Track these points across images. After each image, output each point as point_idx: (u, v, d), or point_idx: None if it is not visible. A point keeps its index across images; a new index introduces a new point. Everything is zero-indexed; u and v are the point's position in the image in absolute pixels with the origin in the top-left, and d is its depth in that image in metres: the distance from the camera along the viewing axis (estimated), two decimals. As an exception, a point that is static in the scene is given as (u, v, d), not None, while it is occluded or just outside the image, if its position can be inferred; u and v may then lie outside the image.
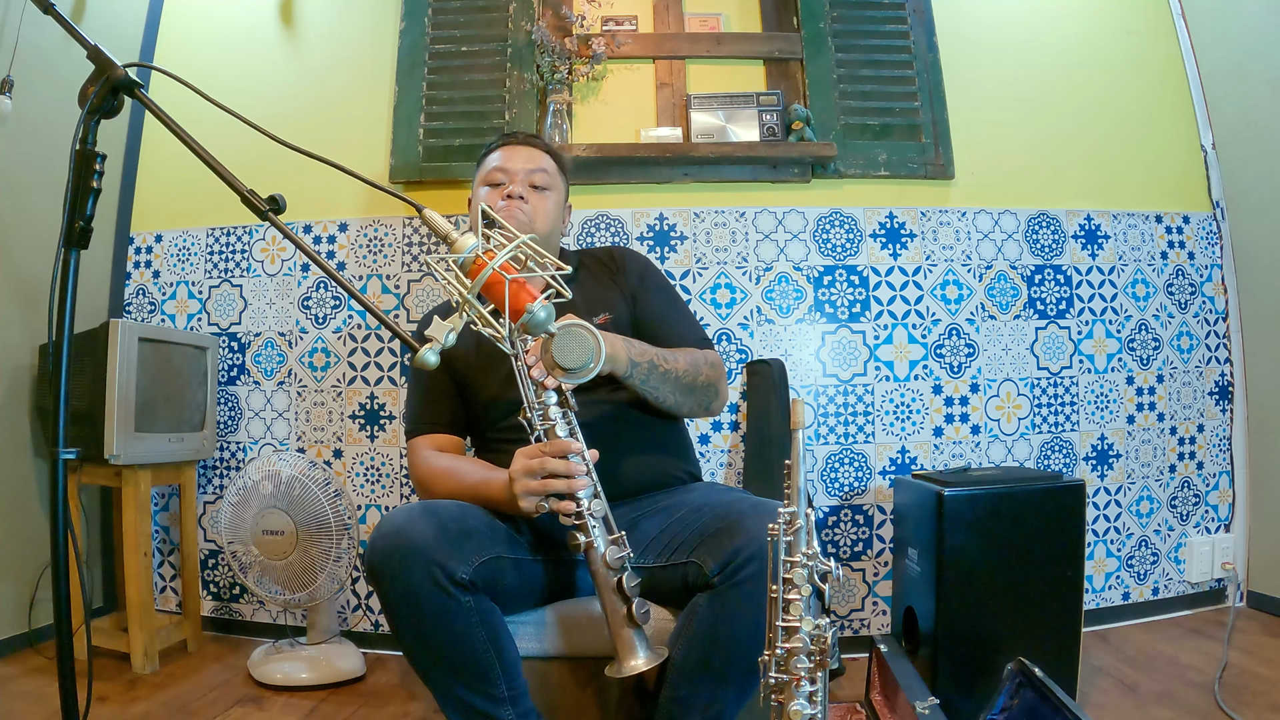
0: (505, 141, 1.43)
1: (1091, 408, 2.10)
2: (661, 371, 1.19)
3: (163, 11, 2.25)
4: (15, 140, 1.88)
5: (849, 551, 2.02)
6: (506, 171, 1.37)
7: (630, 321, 1.34)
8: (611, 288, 1.38)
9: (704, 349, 1.33)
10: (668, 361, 1.21)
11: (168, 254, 2.18)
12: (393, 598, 0.98)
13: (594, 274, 1.41)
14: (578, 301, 1.28)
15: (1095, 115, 2.18)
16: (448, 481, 1.21)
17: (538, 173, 1.38)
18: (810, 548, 0.81)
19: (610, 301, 1.35)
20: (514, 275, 0.93)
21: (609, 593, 1.00)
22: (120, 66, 0.88)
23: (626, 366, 1.13)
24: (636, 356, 1.16)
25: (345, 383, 2.09)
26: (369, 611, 2.05)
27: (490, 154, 1.42)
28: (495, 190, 1.36)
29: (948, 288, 2.09)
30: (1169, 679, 1.64)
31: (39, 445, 1.93)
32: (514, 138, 1.43)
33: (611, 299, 1.36)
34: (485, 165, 1.41)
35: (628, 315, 1.35)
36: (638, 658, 0.98)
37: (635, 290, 1.38)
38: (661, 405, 1.24)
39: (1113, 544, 2.08)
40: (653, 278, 1.43)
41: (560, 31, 2.11)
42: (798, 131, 2.04)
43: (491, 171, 1.38)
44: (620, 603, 0.99)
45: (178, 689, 1.69)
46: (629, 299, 1.37)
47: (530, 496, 1.03)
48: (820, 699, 0.80)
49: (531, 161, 1.39)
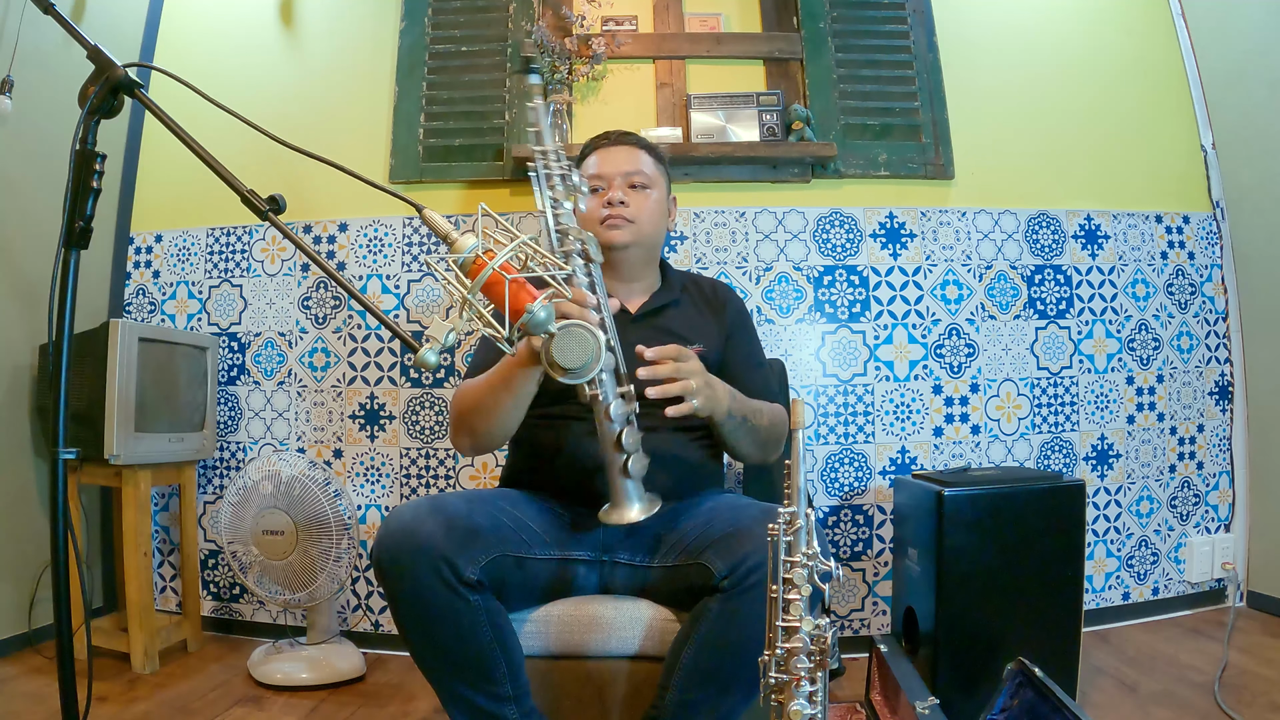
0: (599, 143, 1.39)
1: (1091, 408, 2.10)
2: (750, 426, 1.23)
3: (163, 11, 2.25)
4: (15, 140, 1.88)
5: (849, 551, 2.02)
6: (603, 177, 1.34)
7: (718, 360, 1.34)
8: (711, 322, 1.37)
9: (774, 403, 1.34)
10: (756, 417, 1.24)
11: (168, 254, 2.18)
12: (400, 595, 0.98)
13: (696, 303, 1.40)
14: (678, 326, 1.32)
15: (1095, 115, 2.18)
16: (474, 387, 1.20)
17: (636, 174, 1.35)
18: (810, 548, 0.81)
19: (708, 334, 1.34)
20: (514, 275, 0.93)
21: (609, 444, 1.04)
22: (120, 66, 0.88)
23: (725, 415, 1.16)
24: (735, 410, 1.19)
25: (345, 383, 2.09)
26: (369, 611, 2.05)
27: (587, 157, 1.39)
28: (596, 197, 1.33)
29: (948, 288, 2.09)
30: (1169, 679, 1.64)
31: (39, 445, 1.93)
32: (607, 137, 1.39)
33: (709, 333, 1.35)
34: (584, 170, 1.38)
35: (718, 352, 1.35)
36: (631, 508, 1.03)
37: (731, 331, 1.38)
38: (732, 450, 1.27)
39: (1113, 544, 2.08)
40: (747, 324, 1.42)
41: (560, 31, 2.11)
42: (798, 131, 2.04)
43: (590, 178, 1.34)
44: (618, 455, 1.03)
45: (178, 689, 1.69)
46: (722, 338, 1.36)
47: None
48: (820, 699, 0.80)
49: (630, 162, 1.35)
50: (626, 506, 1.03)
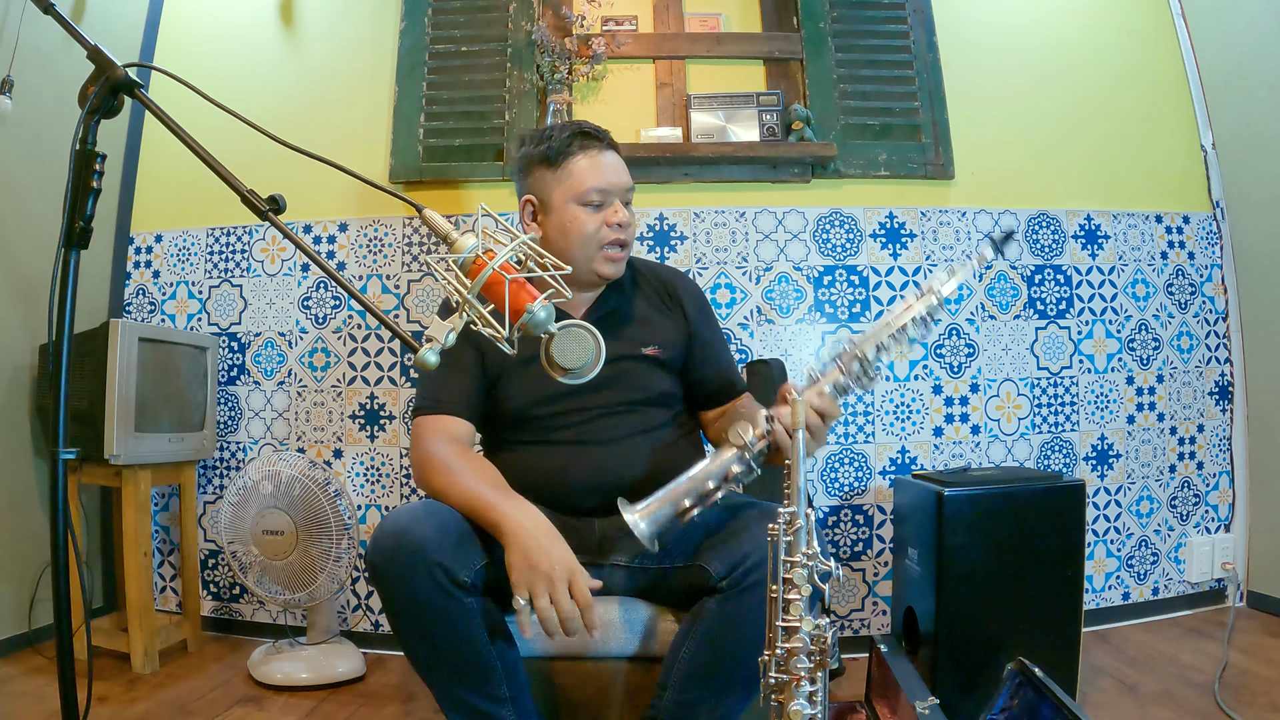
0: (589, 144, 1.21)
1: (1091, 408, 2.10)
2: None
3: (163, 11, 2.25)
4: (15, 140, 1.88)
5: (849, 551, 2.02)
6: (606, 193, 1.20)
7: (680, 357, 1.29)
8: (666, 319, 1.30)
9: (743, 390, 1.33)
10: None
11: (168, 254, 2.18)
12: (395, 599, 0.98)
13: (649, 298, 1.32)
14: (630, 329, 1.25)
15: (1095, 115, 2.18)
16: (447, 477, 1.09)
17: (630, 191, 1.24)
18: (810, 548, 0.81)
19: (664, 332, 1.28)
20: (514, 275, 0.93)
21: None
22: (120, 66, 0.88)
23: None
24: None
25: (345, 383, 2.09)
26: (369, 611, 2.05)
27: (573, 157, 1.20)
28: (594, 214, 1.20)
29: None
30: (1169, 679, 1.64)
31: (39, 445, 1.93)
32: (599, 140, 1.23)
33: (665, 330, 1.29)
34: (570, 173, 1.20)
35: (681, 348, 1.29)
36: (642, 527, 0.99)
37: (695, 329, 1.31)
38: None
39: (1113, 544, 2.08)
40: (708, 314, 1.37)
41: (560, 31, 2.11)
42: (798, 131, 2.04)
43: (587, 191, 1.19)
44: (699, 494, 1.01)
45: (178, 689, 1.69)
46: (682, 335, 1.30)
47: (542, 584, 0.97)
48: (820, 699, 0.80)
49: (627, 173, 1.24)
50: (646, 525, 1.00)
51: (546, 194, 1.22)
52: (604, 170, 1.21)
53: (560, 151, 1.21)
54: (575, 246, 1.20)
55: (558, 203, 1.21)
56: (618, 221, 1.20)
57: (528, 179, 1.25)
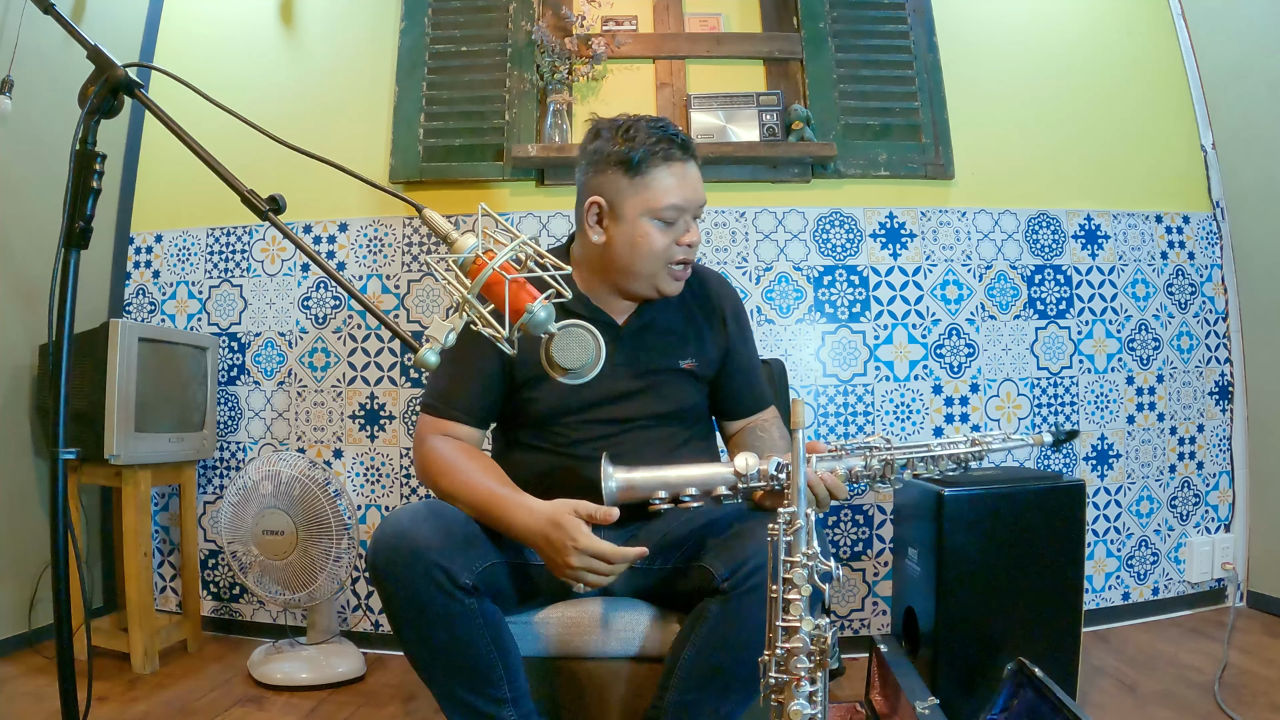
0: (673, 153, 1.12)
1: (1091, 408, 2.10)
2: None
3: (163, 11, 2.25)
4: (15, 140, 1.88)
5: (849, 551, 2.02)
6: (682, 211, 1.13)
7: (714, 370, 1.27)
8: (705, 329, 1.26)
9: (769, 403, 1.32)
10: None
11: (168, 254, 2.18)
12: (396, 600, 0.98)
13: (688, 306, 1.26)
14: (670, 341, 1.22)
15: (1095, 115, 2.18)
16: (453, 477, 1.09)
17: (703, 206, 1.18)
18: (810, 548, 0.81)
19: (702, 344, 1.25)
20: (514, 275, 0.93)
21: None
22: (120, 66, 0.88)
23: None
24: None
25: (345, 383, 2.09)
26: (369, 611, 2.05)
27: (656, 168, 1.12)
28: (666, 231, 1.13)
29: (948, 288, 2.09)
30: (1169, 679, 1.64)
31: (39, 445, 1.93)
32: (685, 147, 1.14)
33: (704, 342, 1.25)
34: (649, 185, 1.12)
35: (717, 362, 1.26)
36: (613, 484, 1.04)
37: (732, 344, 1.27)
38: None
39: (1113, 544, 2.08)
40: (746, 329, 1.32)
41: (560, 31, 2.11)
42: (798, 131, 2.04)
43: (665, 209, 1.12)
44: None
45: (178, 689, 1.69)
46: (719, 349, 1.26)
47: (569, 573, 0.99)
48: (820, 699, 0.80)
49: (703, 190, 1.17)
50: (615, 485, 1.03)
51: (619, 201, 1.14)
52: (686, 188, 1.13)
53: (643, 159, 1.11)
54: (642, 261, 1.14)
55: (630, 214, 1.13)
56: (688, 243, 1.15)
57: (598, 177, 1.15)
